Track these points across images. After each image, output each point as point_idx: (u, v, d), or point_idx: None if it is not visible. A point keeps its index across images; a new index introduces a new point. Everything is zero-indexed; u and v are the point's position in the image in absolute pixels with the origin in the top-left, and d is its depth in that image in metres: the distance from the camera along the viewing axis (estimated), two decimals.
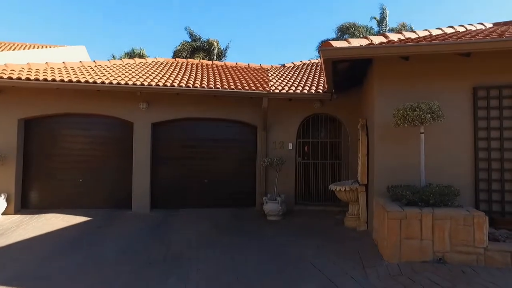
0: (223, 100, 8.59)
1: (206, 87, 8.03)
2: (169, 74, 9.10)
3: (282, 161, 8.05)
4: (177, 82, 8.18)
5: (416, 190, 4.71)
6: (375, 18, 20.56)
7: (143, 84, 7.73)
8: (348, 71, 6.62)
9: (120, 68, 9.18)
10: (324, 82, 8.89)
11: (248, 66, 11.66)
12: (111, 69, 8.94)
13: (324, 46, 5.08)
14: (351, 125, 8.48)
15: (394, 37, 5.84)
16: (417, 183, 5.11)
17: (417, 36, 6.00)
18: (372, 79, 5.97)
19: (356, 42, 5.34)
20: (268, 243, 5.95)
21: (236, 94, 8.13)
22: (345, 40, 5.33)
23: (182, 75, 9.11)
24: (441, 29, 6.72)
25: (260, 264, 4.92)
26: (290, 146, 8.76)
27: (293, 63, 12.22)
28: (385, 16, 19.97)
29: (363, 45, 5.16)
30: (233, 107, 8.70)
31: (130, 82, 7.73)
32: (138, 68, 9.40)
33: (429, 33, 6.36)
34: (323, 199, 8.84)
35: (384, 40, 5.66)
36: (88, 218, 7.51)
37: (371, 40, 5.48)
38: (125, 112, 8.33)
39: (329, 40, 22.34)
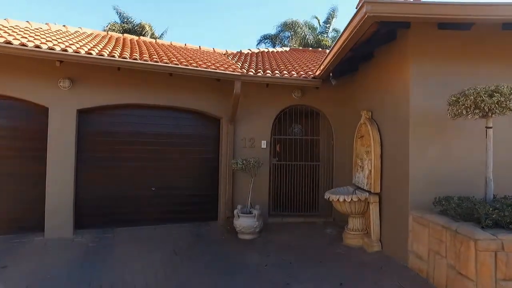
0: (180, 83, 6.33)
1: (159, 62, 5.70)
2: (103, 45, 6.48)
3: (260, 164, 6.14)
4: (117, 53, 5.68)
5: (500, 206, 3.26)
6: (316, 18, 19.93)
7: (66, 50, 5.07)
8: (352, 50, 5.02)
9: (26, 30, 6.21)
10: (297, 69, 7.24)
11: (199, 48, 9.43)
12: (11, 29, 5.94)
13: None
14: (337, 120, 6.97)
15: None
16: (476, 194, 3.72)
17: None
18: (402, 58, 4.42)
19: None
20: (263, 282, 3.99)
21: (200, 74, 5.94)
22: None
23: (121, 48, 6.57)
24: None
25: None
26: (264, 144, 6.87)
27: (250, 50, 10.39)
28: (330, 18, 19.43)
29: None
30: (191, 93, 6.48)
31: (45, 46, 5.01)
32: (55, 35, 6.53)
33: None
34: (301, 209, 7.16)
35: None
36: None
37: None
38: (34, 91, 5.46)
39: (271, 35, 21.24)
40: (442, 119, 4.06)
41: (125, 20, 16.91)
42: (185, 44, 9.46)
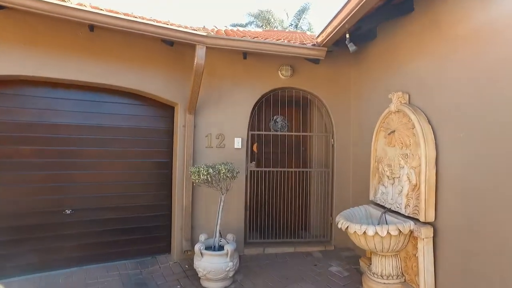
0: (110, 49, 4.01)
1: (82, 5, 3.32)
2: None
3: (235, 173, 3.94)
4: None
5: None
6: (285, 11, 18.42)
7: None
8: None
9: None
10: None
11: (151, 19, 7.01)
12: None
13: None
14: (341, 110, 4.94)
15: None
16: None
17: None
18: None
19: None
20: None
21: (141, 30, 3.64)
22: None
23: None
24: None
25: None
26: (238, 143, 4.69)
27: (215, 27, 8.10)
28: (301, 13, 17.93)
29: None
30: (130, 66, 4.14)
31: None
32: None
33: None
34: (288, 233, 5.04)
35: None
36: None
37: None
38: None
39: (241, 24, 19.11)
40: None
41: None
42: (132, 12, 6.98)
